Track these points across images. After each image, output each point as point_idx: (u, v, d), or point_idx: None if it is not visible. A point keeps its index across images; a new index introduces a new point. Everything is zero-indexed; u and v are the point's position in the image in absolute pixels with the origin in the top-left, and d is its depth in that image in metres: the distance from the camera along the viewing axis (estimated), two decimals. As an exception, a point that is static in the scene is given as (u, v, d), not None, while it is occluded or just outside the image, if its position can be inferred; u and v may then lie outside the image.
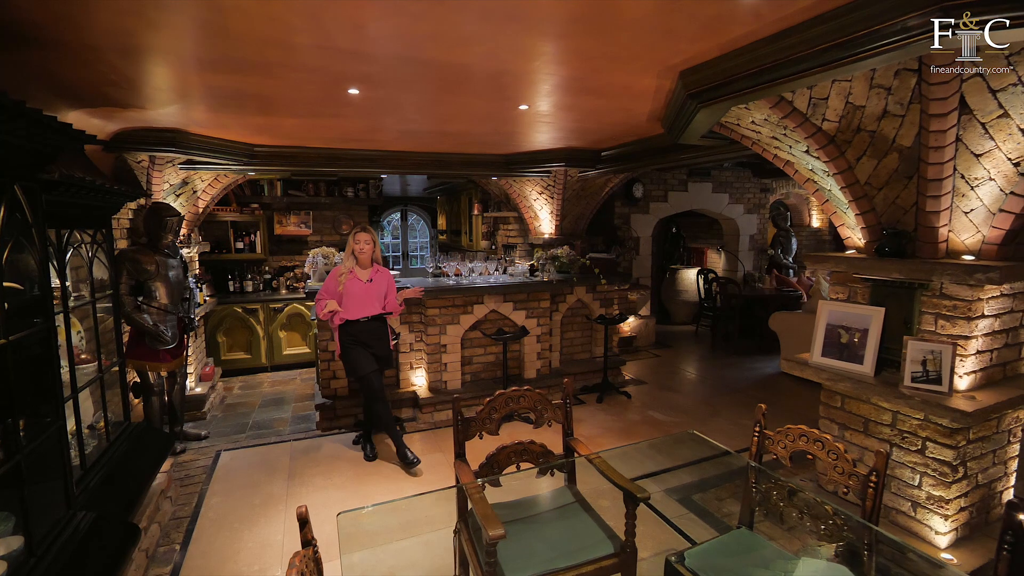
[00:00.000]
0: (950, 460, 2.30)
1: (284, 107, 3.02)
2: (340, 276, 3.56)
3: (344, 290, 3.54)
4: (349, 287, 3.56)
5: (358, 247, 3.58)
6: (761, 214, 8.36)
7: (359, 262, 3.62)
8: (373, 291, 3.62)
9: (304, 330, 6.07)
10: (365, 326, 3.61)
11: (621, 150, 4.59)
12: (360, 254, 3.59)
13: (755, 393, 5.29)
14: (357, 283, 3.58)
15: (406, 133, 3.88)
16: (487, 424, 2.18)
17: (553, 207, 5.77)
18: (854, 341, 2.60)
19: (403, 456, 3.60)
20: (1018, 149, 2.02)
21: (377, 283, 3.65)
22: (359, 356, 3.58)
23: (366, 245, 3.60)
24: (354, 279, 3.58)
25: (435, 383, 4.59)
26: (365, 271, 3.64)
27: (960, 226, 2.26)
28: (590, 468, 2.24)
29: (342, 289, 3.54)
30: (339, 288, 3.54)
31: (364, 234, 3.61)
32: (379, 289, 3.66)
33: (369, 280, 3.62)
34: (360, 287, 3.58)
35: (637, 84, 2.58)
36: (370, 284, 3.62)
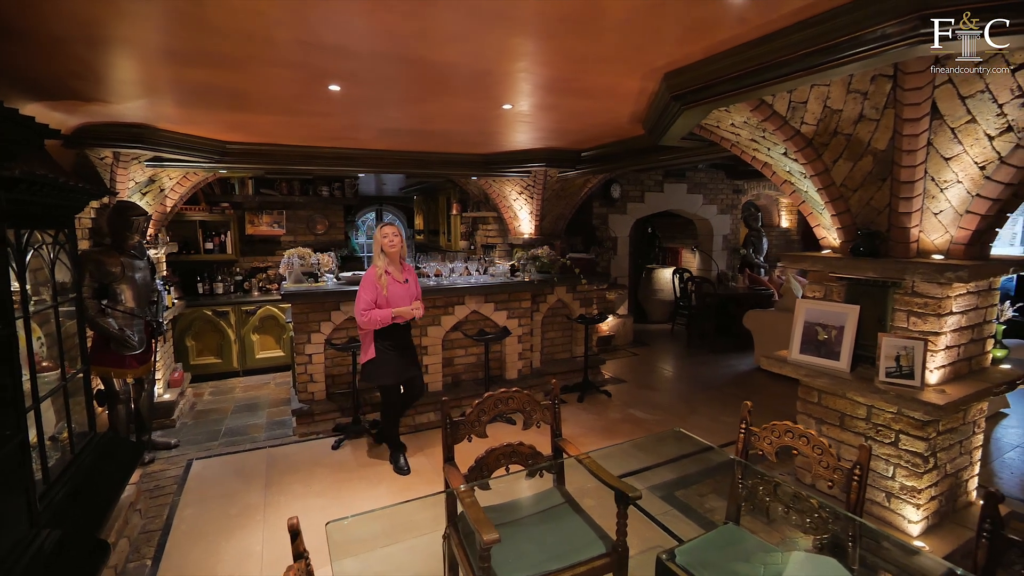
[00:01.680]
0: (922, 452, 2.39)
1: (260, 103, 2.93)
2: (379, 279, 3.34)
3: (388, 294, 3.34)
4: (393, 291, 3.36)
5: (387, 241, 3.36)
6: (734, 214, 8.57)
7: (390, 259, 3.41)
8: (410, 292, 3.47)
9: (278, 333, 5.91)
10: (404, 330, 3.47)
11: (601, 151, 4.62)
12: (391, 248, 3.37)
13: (731, 390, 5.41)
14: (398, 285, 3.41)
15: (386, 132, 3.81)
16: (476, 427, 2.16)
17: (533, 207, 5.77)
18: (831, 338, 2.68)
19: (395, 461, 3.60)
20: (984, 153, 2.11)
21: (412, 282, 3.53)
22: (391, 364, 3.42)
23: (395, 238, 3.39)
24: (394, 281, 3.40)
25: (416, 385, 4.53)
26: (399, 270, 3.47)
27: (930, 226, 2.36)
28: (576, 468, 2.25)
29: (386, 293, 3.33)
30: (383, 292, 3.33)
31: (390, 227, 3.43)
32: (413, 289, 3.52)
33: (405, 280, 3.48)
34: (401, 289, 3.41)
35: (622, 86, 2.60)
36: (407, 284, 3.47)
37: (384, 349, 3.42)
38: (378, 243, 3.40)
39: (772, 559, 1.73)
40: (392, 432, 3.65)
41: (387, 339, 3.41)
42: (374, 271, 3.37)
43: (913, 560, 1.92)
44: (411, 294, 3.46)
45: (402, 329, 3.46)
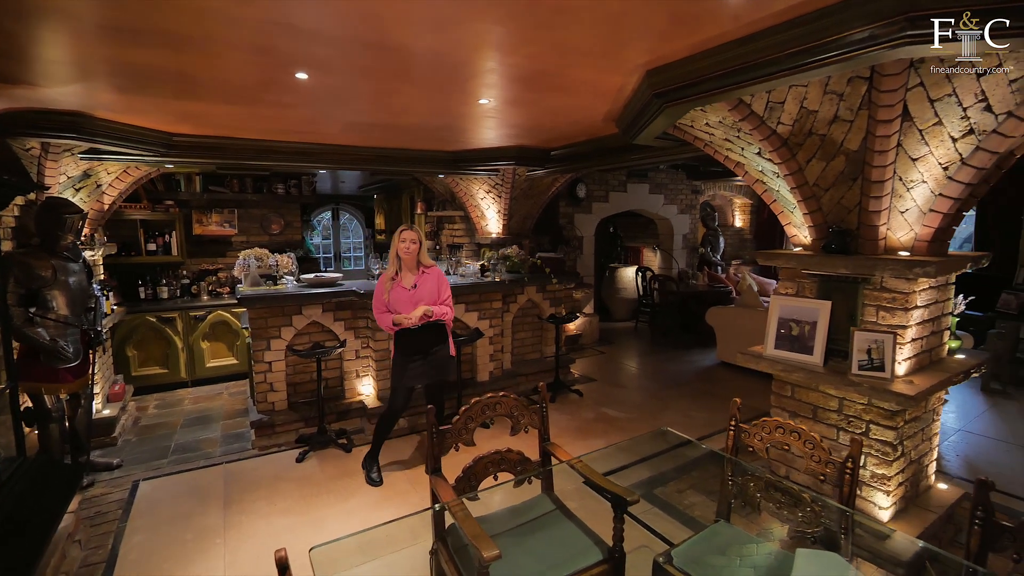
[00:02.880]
0: (891, 440, 2.49)
1: (216, 91, 2.69)
2: (386, 283, 3.32)
3: (390, 299, 3.29)
4: (394, 296, 3.30)
5: (403, 247, 3.27)
6: (693, 214, 8.82)
7: (404, 264, 3.34)
8: (415, 298, 3.32)
9: (231, 340, 5.55)
10: (418, 334, 3.33)
11: (571, 150, 4.60)
12: (406, 255, 3.29)
13: (698, 385, 5.54)
14: (402, 291, 3.32)
15: (353, 126, 3.62)
16: (463, 435, 2.06)
17: (501, 206, 5.69)
18: (804, 333, 2.75)
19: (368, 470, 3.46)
20: (948, 155, 2.21)
21: (421, 288, 3.35)
22: (404, 367, 3.35)
23: (412, 245, 3.28)
24: (398, 287, 3.32)
25: (384, 391, 4.35)
26: (410, 275, 3.36)
27: (896, 224, 2.46)
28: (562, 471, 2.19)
29: (387, 298, 3.29)
30: (385, 297, 3.29)
31: (410, 232, 3.30)
32: (423, 294, 3.35)
33: (413, 286, 3.34)
34: (404, 295, 3.31)
35: (603, 82, 2.56)
36: (414, 291, 3.33)
37: (398, 353, 3.37)
38: (394, 247, 3.33)
39: (768, 555, 1.73)
40: (378, 440, 3.52)
41: (401, 344, 3.37)
42: (385, 276, 3.38)
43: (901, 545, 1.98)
44: (415, 300, 3.31)
45: (414, 335, 3.31)
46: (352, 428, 4.27)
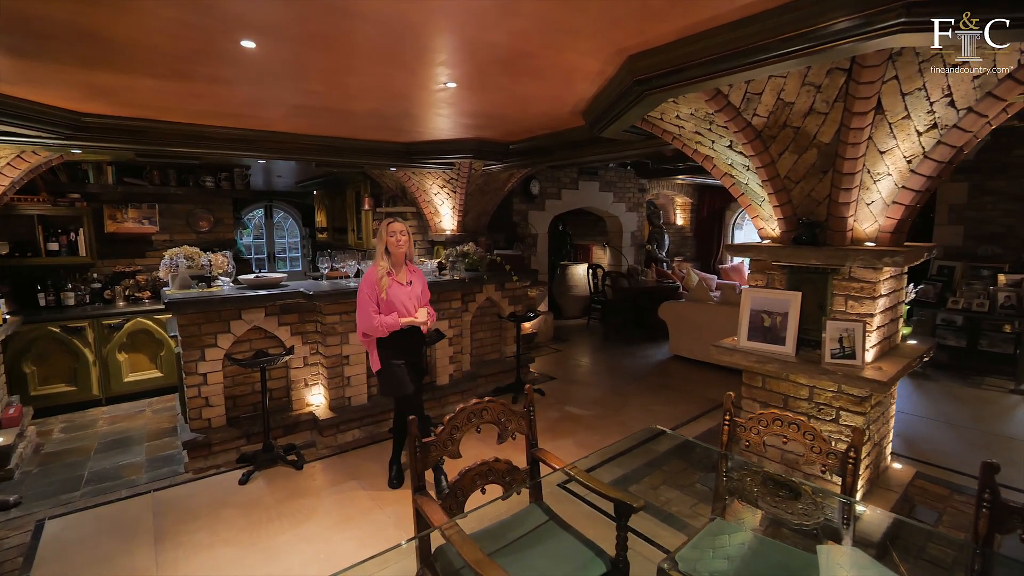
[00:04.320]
0: (860, 426, 2.57)
1: (138, 60, 2.30)
2: (380, 280, 3.01)
3: (388, 297, 3.01)
4: (393, 293, 3.04)
5: (393, 240, 3.04)
6: (640, 212, 9.01)
7: (393, 259, 3.09)
8: (415, 295, 3.17)
9: (153, 350, 4.95)
10: (409, 336, 3.13)
11: (532, 143, 4.49)
12: (397, 248, 3.06)
13: (655, 379, 5.61)
14: (399, 287, 3.10)
15: (301, 110, 3.27)
16: (449, 447, 1.86)
17: (456, 202, 5.48)
18: (776, 324, 2.79)
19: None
20: (912, 148, 2.29)
21: (417, 285, 3.21)
22: (403, 374, 3.09)
23: (402, 237, 3.07)
24: (395, 283, 3.08)
25: (337, 400, 4.03)
26: (401, 271, 3.16)
27: (862, 216, 2.53)
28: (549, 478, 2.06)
29: (385, 296, 3.00)
30: (382, 295, 3.00)
31: (398, 223, 3.09)
32: (418, 291, 3.21)
33: (409, 282, 3.16)
34: (403, 292, 3.11)
35: (582, 66, 2.45)
36: (410, 287, 3.16)
37: (388, 359, 3.09)
38: (382, 241, 3.06)
39: (774, 553, 1.69)
40: (398, 449, 3.32)
41: (391, 348, 3.08)
42: (374, 271, 3.05)
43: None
44: (415, 298, 3.15)
45: (405, 336, 3.11)
46: (302, 442, 3.91)
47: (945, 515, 2.95)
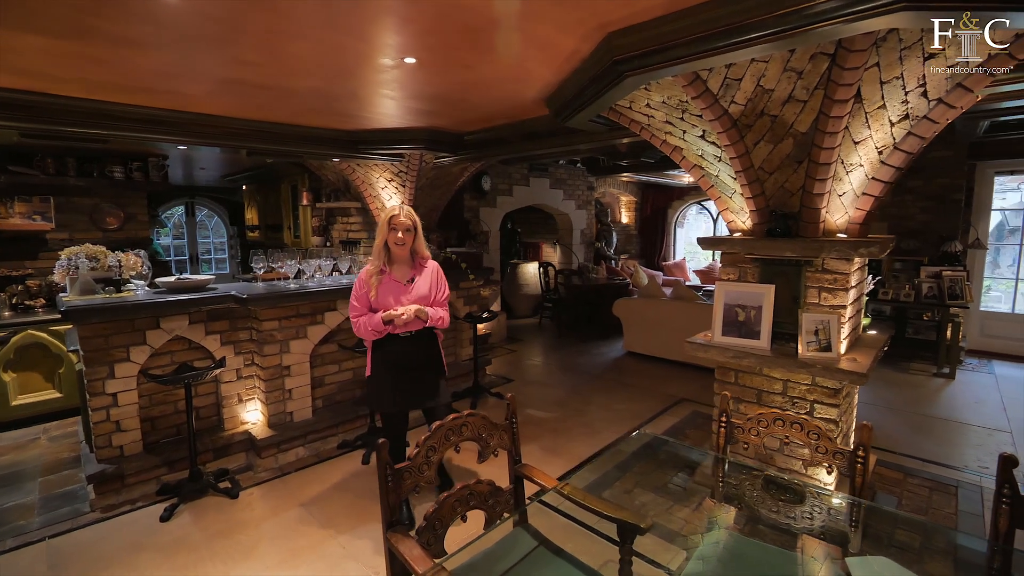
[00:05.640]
0: (834, 417, 2.56)
1: (21, 7, 1.84)
2: (371, 279, 2.59)
3: (376, 296, 2.57)
4: (385, 290, 2.60)
5: (394, 236, 2.56)
6: (589, 209, 9.02)
7: (393, 257, 2.63)
8: (416, 293, 2.64)
9: (49, 367, 4.25)
10: (407, 344, 2.62)
11: (489, 134, 4.25)
12: (398, 246, 2.58)
13: (613, 376, 5.56)
14: (393, 286, 2.62)
15: (230, 85, 2.83)
16: (424, 471, 1.60)
17: (405, 197, 5.14)
18: (750, 318, 2.74)
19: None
20: (884, 139, 2.29)
21: (421, 284, 2.67)
22: (385, 386, 2.62)
23: (406, 234, 2.58)
24: (389, 281, 2.62)
25: (277, 416, 3.60)
26: (403, 269, 2.67)
27: (834, 207, 2.52)
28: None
29: (374, 296, 2.57)
30: (372, 294, 2.57)
31: (403, 218, 2.57)
32: (423, 290, 2.67)
33: (409, 280, 2.66)
34: (397, 290, 2.63)
35: (557, 44, 2.25)
36: (410, 286, 2.65)
37: (378, 367, 2.66)
38: (381, 234, 2.58)
39: (786, 564, 1.57)
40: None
41: (383, 353, 2.64)
42: (368, 269, 2.63)
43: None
44: (418, 299, 2.64)
45: (400, 343, 2.62)
46: (237, 466, 3.45)
47: (904, 499, 3.04)
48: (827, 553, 1.65)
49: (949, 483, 3.23)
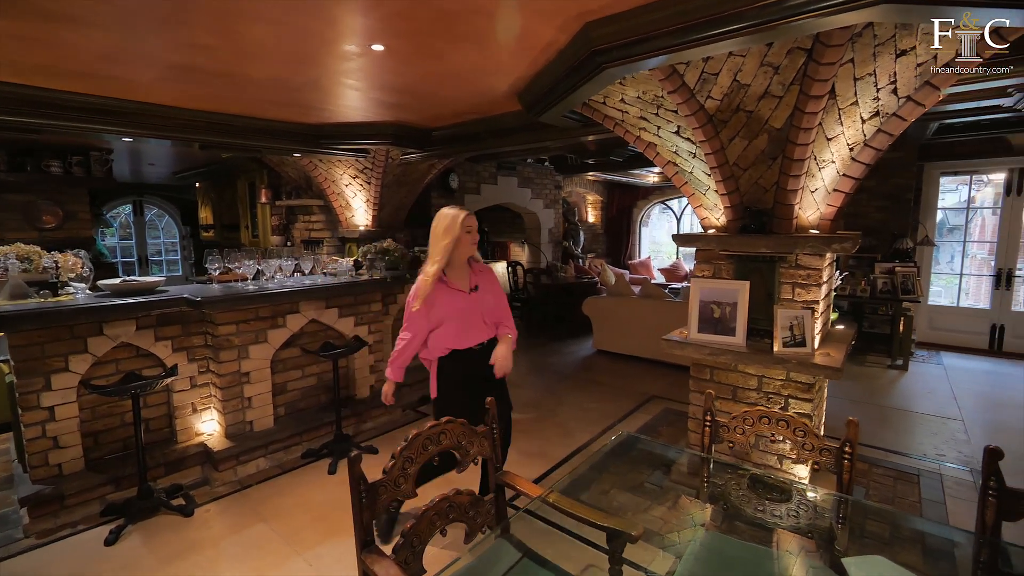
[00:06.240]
0: (808, 412, 2.59)
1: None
2: (428, 285, 2.24)
3: (436, 309, 2.27)
4: (443, 302, 2.27)
5: (470, 238, 2.30)
6: (557, 208, 9.01)
7: (453, 259, 2.30)
8: (477, 306, 2.35)
9: (-24, 379, 3.85)
10: (482, 356, 2.34)
11: (458, 129, 4.14)
12: (462, 247, 2.29)
13: (583, 375, 5.54)
14: (456, 295, 2.30)
15: (182, 72, 2.61)
16: (402, 485, 1.49)
17: (370, 194, 4.96)
18: (725, 315, 2.74)
19: None
20: (856, 136, 2.33)
21: (486, 295, 2.39)
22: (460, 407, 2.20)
23: (476, 235, 2.34)
24: (447, 289, 2.29)
25: (235, 426, 3.39)
26: (461, 274, 2.35)
27: (807, 203, 2.55)
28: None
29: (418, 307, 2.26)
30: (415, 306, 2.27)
31: (471, 218, 2.32)
32: (489, 300, 2.40)
33: (474, 288, 2.35)
34: (460, 302, 2.30)
35: (534, 32, 2.17)
36: (475, 296, 2.35)
37: (448, 387, 2.37)
38: (452, 235, 2.24)
39: (776, 565, 1.55)
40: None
41: (451, 371, 2.35)
42: (425, 276, 2.27)
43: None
44: (478, 309, 2.35)
45: (471, 357, 2.35)
46: (192, 481, 3.22)
47: (871, 489, 3.13)
48: (821, 552, 1.63)
49: (911, 472, 3.34)
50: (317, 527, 2.74)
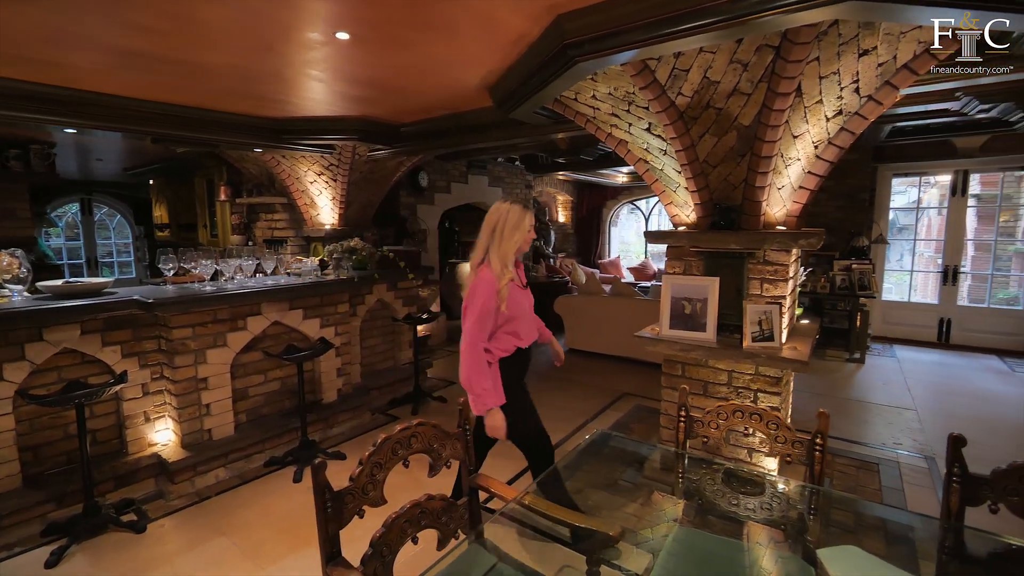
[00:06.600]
0: (777, 405, 2.63)
1: None
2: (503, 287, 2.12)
3: (508, 308, 2.15)
4: (515, 301, 2.19)
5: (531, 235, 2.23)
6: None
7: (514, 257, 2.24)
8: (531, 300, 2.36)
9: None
10: (531, 355, 2.35)
11: (428, 125, 4.06)
12: (526, 244, 2.24)
13: (556, 374, 5.52)
14: (522, 292, 2.28)
15: (129, 58, 2.43)
16: (370, 492, 1.42)
17: (337, 192, 4.81)
18: (696, 311, 2.77)
19: None
20: (820, 134, 2.38)
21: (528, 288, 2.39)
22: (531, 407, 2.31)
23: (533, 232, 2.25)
24: (517, 288, 2.25)
25: (192, 435, 3.21)
26: (520, 269, 2.34)
27: (774, 200, 2.59)
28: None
29: (504, 309, 2.13)
30: (502, 308, 2.12)
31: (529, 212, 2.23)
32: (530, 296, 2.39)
33: (526, 285, 2.35)
34: (524, 298, 2.29)
35: (505, 24, 2.12)
36: (527, 290, 2.35)
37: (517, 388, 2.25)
38: (521, 230, 2.16)
39: (751, 559, 1.55)
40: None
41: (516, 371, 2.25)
42: (491, 274, 2.12)
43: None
44: (531, 305, 2.35)
45: (529, 354, 2.35)
46: (143, 495, 3.03)
47: (835, 479, 3.21)
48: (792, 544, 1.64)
49: (871, 461, 3.46)
50: (281, 539, 2.61)
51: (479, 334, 2.09)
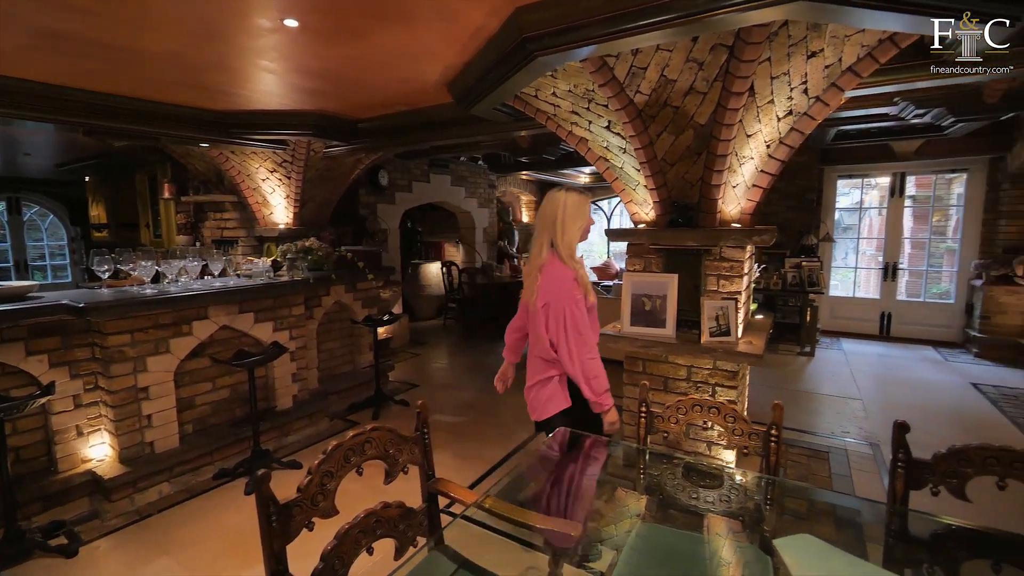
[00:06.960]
0: (734, 399, 2.69)
1: None
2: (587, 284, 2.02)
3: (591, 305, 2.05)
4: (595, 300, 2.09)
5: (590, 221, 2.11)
6: (491, 208, 8.96)
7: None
8: None
9: None
10: None
11: (386, 121, 3.95)
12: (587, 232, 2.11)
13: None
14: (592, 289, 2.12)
15: (53, 39, 2.22)
16: (320, 503, 1.34)
17: (291, 190, 4.63)
18: (656, 307, 2.80)
19: None
20: (772, 133, 2.45)
21: None
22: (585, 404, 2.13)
23: None
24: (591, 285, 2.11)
25: (131, 449, 3.00)
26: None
27: (729, 198, 2.65)
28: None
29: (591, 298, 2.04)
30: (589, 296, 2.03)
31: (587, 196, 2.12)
32: None
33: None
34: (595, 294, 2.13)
35: (463, 14, 2.07)
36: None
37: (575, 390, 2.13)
38: (583, 218, 2.03)
39: (712, 551, 1.56)
40: None
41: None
42: (569, 272, 1.96)
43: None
44: None
45: None
46: (76, 515, 2.80)
47: (788, 468, 3.32)
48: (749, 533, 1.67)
49: (821, 450, 3.60)
50: (231, 556, 2.46)
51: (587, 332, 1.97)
